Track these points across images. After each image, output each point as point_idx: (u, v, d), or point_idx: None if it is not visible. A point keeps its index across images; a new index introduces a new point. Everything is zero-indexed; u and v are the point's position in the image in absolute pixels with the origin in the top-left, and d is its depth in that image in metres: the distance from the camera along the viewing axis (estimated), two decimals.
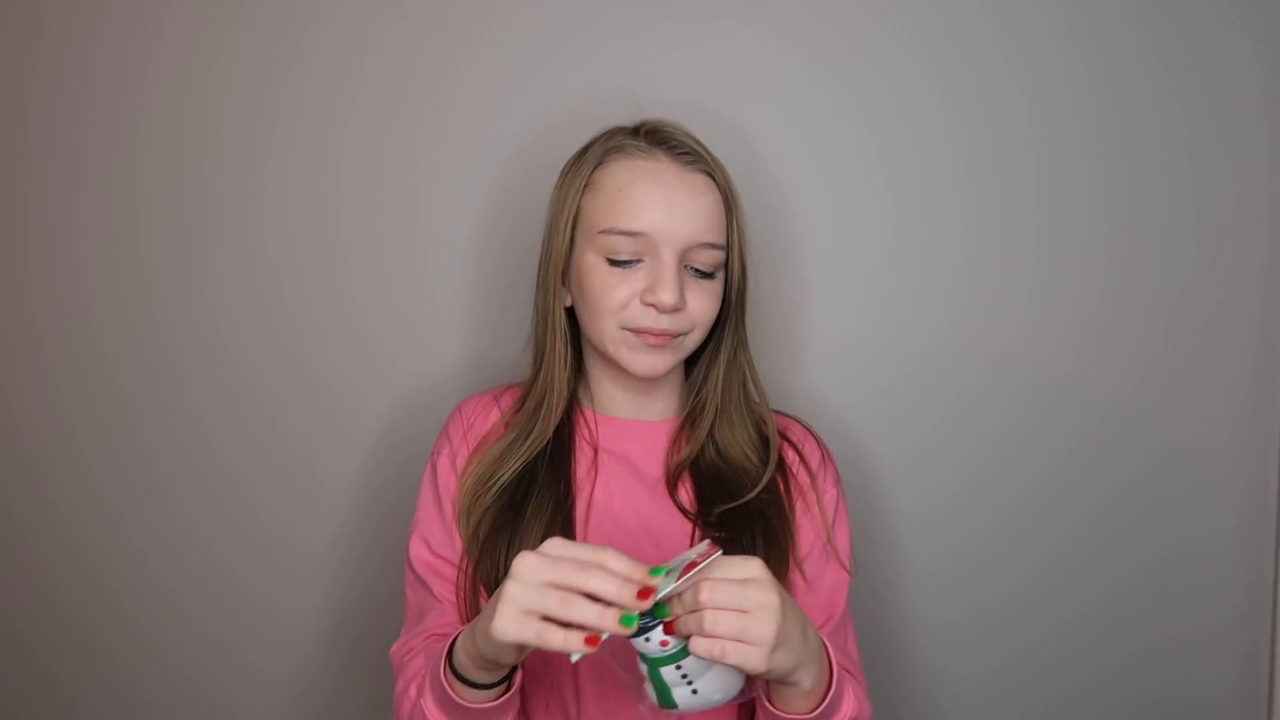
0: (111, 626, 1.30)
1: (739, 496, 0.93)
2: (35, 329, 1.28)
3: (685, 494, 0.95)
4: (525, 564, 0.70)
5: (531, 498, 0.93)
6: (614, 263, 0.90)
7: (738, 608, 0.69)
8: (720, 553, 0.72)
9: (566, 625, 0.69)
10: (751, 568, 0.71)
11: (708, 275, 0.92)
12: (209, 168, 1.24)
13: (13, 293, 1.28)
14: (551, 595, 0.69)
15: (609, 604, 0.68)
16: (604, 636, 0.68)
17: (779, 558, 0.92)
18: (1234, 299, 1.17)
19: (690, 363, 1.00)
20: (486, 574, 0.91)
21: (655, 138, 0.92)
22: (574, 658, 0.68)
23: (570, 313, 0.96)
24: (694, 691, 0.74)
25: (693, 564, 0.71)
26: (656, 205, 0.88)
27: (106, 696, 1.31)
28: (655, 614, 0.71)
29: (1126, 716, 1.22)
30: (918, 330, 1.19)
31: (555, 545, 0.71)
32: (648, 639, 0.71)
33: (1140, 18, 1.15)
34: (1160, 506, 1.19)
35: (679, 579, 0.69)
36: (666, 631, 0.71)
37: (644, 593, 0.68)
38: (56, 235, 1.26)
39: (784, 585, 0.91)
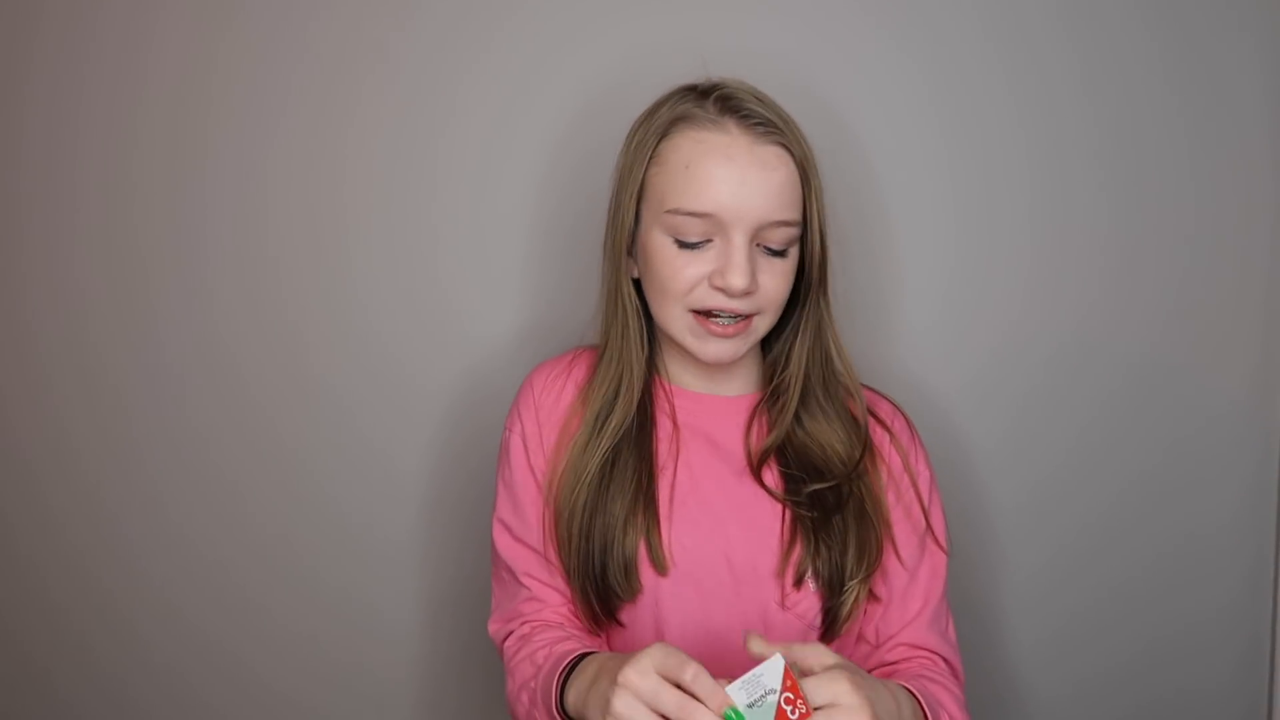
0: (107, 631, 1.29)
1: (827, 475, 0.90)
2: (31, 329, 1.27)
3: (770, 473, 0.92)
4: (633, 679, 0.70)
5: (615, 478, 0.90)
6: (682, 244, 0.86)
7: None
8: (787, 666, 0.70)
9: None
10: (839, 688, 0.69)
11: (780, 254, 0.88)
12: (210, 160, 1.22)
13: (8, 293, 1.27)
14: None
15: None
16: None
17: (873, 543, 0.90)
18: (1234, 298, 1.17)
19: (768, 336, 0.95)
20: (584, 565, 0.90)
21: (725, 105, 0.86)
22: None
23: (639, 283, 0.93)
24: None
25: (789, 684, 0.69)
26: (726, 184, 0.84)
27: (102, 701, 1.30)
28: None
29: (1136, 708, 1.21)
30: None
31: (658, 655, 0.70)
32: None
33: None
34: (1163, 499, 1.19)
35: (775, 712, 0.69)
36: None
37: None
38: (53, 234, 1.25)
39: (879, 575, 0.91)
